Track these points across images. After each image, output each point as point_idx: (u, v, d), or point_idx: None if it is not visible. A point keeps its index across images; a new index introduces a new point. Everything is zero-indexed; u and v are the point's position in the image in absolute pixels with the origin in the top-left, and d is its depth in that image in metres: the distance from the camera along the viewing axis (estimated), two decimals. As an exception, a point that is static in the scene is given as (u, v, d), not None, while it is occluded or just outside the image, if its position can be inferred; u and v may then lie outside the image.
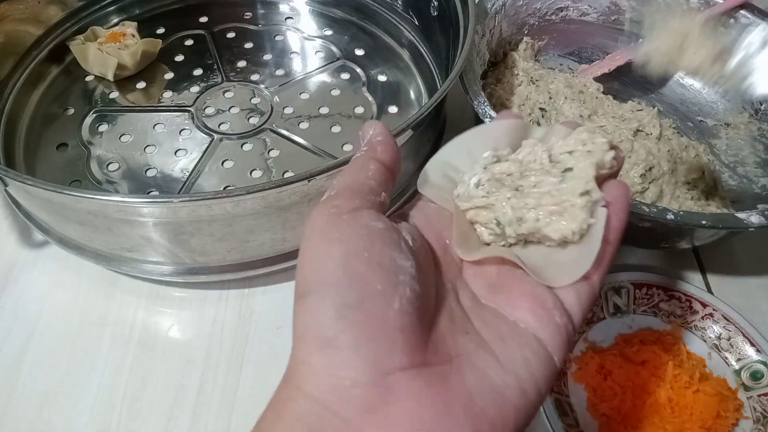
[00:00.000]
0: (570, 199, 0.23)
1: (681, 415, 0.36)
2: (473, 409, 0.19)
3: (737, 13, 0.49)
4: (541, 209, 0.23)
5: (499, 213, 0.24)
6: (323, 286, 0.20)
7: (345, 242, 0.21)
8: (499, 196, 0.24)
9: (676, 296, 0.41)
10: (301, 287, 0.21)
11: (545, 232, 0.23)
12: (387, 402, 0.18)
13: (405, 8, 0.58)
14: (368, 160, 0.25)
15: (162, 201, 0.35)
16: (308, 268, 0.21)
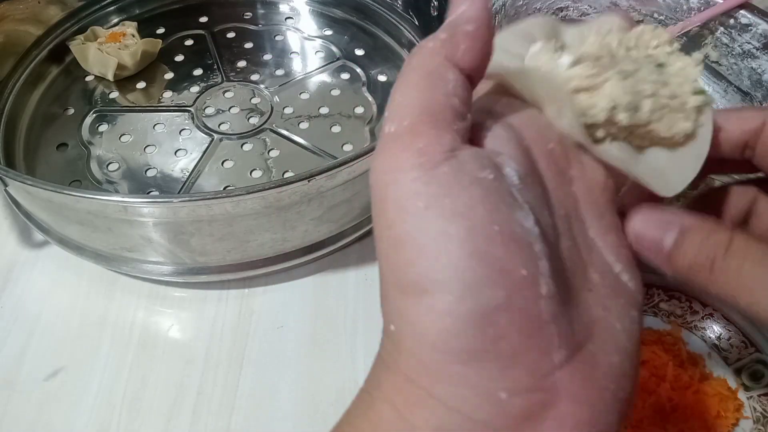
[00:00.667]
0: (684, 96, 0.19)
1: (681, 415, 0.36)
2: (619, 395, 0.16)
3: (737, 13, 0.49)
4: (657, 100, 0.19)
5: (614, 95, 0.18)
6: (451, 282, 0.15)
7: (463, 213, 0.15)
8: (608, 75, 0.19)
9: (676, 296, 0.41)
10: (410, 279, 0.15)
11: (656, 127, 0.19)
12: (546, 407, 0.16)
13: (405, 8, 0.58)
14: (445, 68, 0.17)
15: (162, 201, 0.35)
16: (417, 253, 0.15)
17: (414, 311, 0.16)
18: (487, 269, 0.15)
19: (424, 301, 0.15)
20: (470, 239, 0.15)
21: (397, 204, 0.16)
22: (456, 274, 0.15)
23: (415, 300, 0.16)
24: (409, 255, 0.15)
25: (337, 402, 0.38)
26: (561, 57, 0.19)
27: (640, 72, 0.19)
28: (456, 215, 0.15)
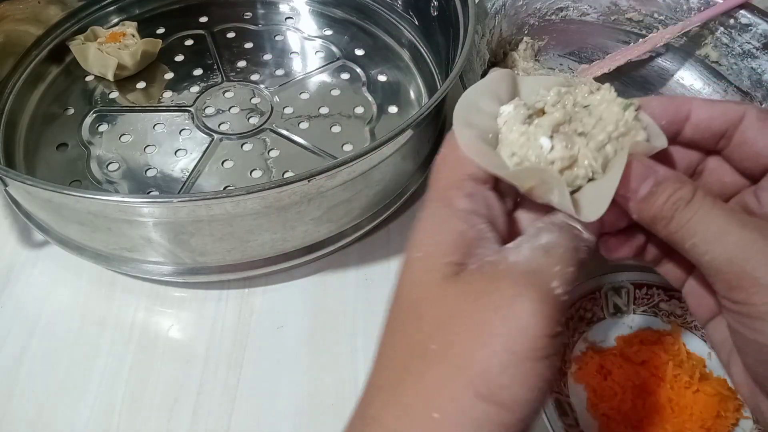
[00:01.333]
0: (619, 117, 0.23)
1: (681, 415, 0.36)
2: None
3: (737, 13, 0.49)
4: (613, 141, 0.22)
5: (590, 163, 0.22)
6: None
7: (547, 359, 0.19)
8: (577, 146, 0.22)
9: (676, 296, 0.41)
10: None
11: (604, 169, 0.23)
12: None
13: (405, 8, 0.58)
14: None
15: (162, 201, 0.35)
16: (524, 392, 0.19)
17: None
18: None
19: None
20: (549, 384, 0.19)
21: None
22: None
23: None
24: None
25: (337, 402, 0.38)
26: (538, 136, 0.22)
27: (586, 123, 0.23)
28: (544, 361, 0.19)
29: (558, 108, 0.23)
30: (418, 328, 0.20)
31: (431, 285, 0.20)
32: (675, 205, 0.21)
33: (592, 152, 0.22)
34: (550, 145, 0.22)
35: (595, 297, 0.40)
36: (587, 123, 0.23)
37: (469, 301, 0.19)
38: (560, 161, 0.22)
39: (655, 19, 0.54)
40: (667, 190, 0.21)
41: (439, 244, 0.20)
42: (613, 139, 0.22)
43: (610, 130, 0.22)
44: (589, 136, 0.22)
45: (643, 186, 0.21)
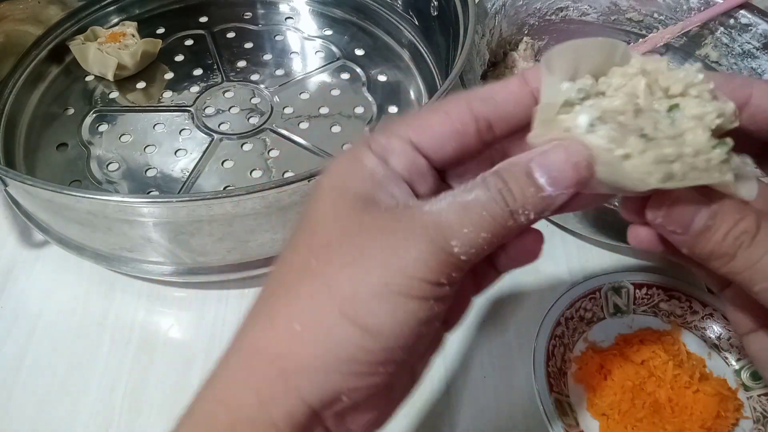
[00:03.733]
0: (704, 151, 0.18)
1: (681, 415, 0.36)
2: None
3: (737, 13, 0.49)
4: (684, 162, 0.18)
5: (644, 173, 0.18)
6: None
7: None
8: (630, 148, 0.18)
9: (676, 296, 0.41)
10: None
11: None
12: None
13: (405, 8, 0.58)
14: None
15: (162, 201, 0.35)
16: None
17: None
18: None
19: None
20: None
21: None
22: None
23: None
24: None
25: (337, 402, 0.38)
26: (578, 116, 0.19)
27: (659, 126, 0.19)
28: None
29: (620, 95, 0.19)
30: (307, 246, 0.20)
31: (332, 210, 0.20)
32: (738, 241, 0.18)
33: (647, 163, 0.18)
34: (585, 125, 0.18)
35: (595, 297, 0.40)
36: (660, 129, 0.18)
37: (362, 230, 0.19)
38: (601, 152, 0.18)
39: (655, 19, 0.54)
40: (726, 223, 0.18)
41: (347, 178, 0.20)
42: (686, 162, 0.18)
43: (687, 153, 0.18)
44: (653, 143, 0.18)
45: (696, 219, 0.18)
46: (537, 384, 0.35)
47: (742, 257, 0.18)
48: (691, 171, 0.18)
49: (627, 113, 0.19)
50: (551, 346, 0.37)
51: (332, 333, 0.18)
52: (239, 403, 0.19)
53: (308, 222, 0.20)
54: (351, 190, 0.20)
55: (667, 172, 0.18)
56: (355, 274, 0.18)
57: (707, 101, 0.19)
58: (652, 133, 0.18)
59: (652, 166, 0.18)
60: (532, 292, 0.44)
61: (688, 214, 0.18)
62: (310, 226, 0.20)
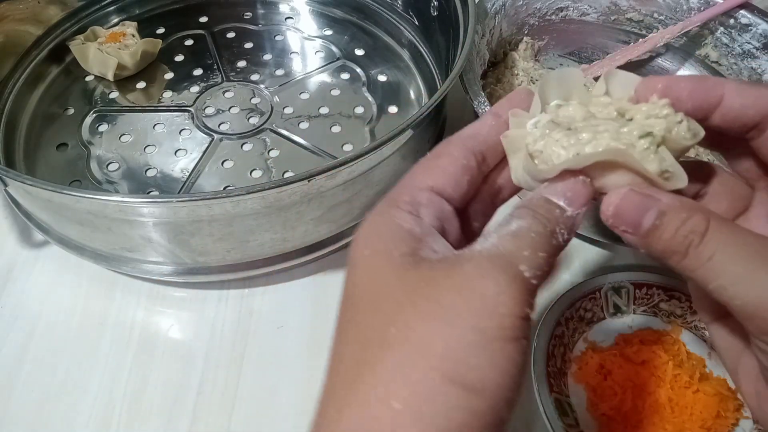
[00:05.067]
0: (630, 139, 0.20)
1: (681, 415, 0.36)
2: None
3: (737, 13, 0.49)
4: (598, 141, 0.20)
5: (553, 156, 0.20)
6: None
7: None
8: (549, 139, 0.21)
9: (676, 296, 0.41)
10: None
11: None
12: None
13: (405, 8, 0.58)
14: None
15: (162, 201, 0.35)
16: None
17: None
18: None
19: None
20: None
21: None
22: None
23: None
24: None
25: (337, 402, 0.38)
26: (533, 118, 0.22)
27: (593, 126, 0.20)
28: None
29: (574, 107, 0.21)
30: (375, 317, 0.18)
31: (388, 274, 0.19)
32: (687, 239, 0.18)
33: (564, 146, 0.20)
34: (533, 123, 0.21)
35: (595, 297, 0.40)
36: (594, 126, 0.20)
37: (430, 285, 0.18)
38: (531, 141, 0.21)
39: (655, 19, 0.54)
40: (674, 222, 0.19)
41: (387, 240, 0.20)
42: (600, 141, 0.20)
43: (603, 133, 0.20)
44: (572, 132, 0.20)
45: (645, 219, 0.19)
46: (537, 384, 0.35)
47: (693, 255, 0.19)
48: (603, 142, 0.20)
49: (576, 117, 0.21)
50: (551, 346, 0.37)
51: (436, 402, 0.16)
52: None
53: (363, 292, 0.19)
54: (396, 252, 0.19)
55: (576, 152, 0.20)
56: (444, 329, 0.17)
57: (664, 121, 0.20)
58: (581, 128, 0.20)
59: (562, 149, 0.20)
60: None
61: (635, 214, 0.19)
62: (368, 297, 0.19)
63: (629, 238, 0.20)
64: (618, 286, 0.41)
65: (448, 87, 0.39)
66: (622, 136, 0.20)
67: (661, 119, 0.20)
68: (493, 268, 0.18)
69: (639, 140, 0.19)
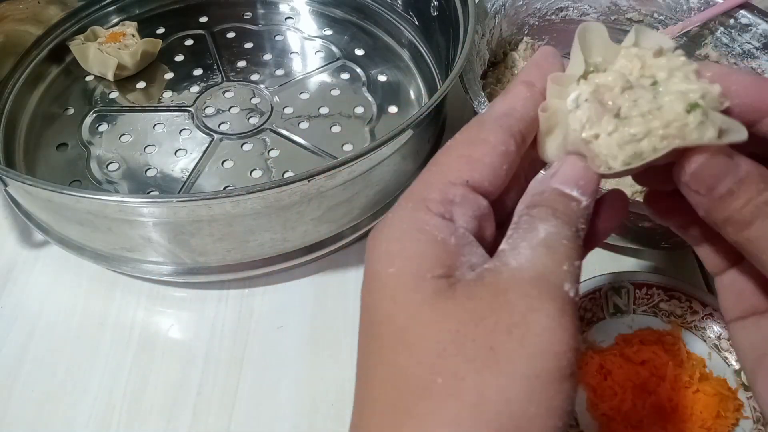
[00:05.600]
0: (678, 118, 0.18)
1: (681, 415, 0.36)
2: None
3: (737, 13, 0.49)
4: (652, 137, 0.18)
5: (608, 155, 0.19)
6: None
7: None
8: (600, 129, 0.19)
9: (676, 296, 0.41)
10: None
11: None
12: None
13: (405, 8, 0.58)
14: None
15: (162, 201, 0.35)
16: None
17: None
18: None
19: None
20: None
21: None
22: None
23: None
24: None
25: (336, 402, 0.38)
26: (570, 93, 0.20)
27: (639, 102, 0.19)
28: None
29: (612, 72, 0.20)
30: (412, 359, 0.16)
31: (420, 305, 0.17)
32: (758, 209, 0.17)
33: (612, 146, 0.19)
34: (573, 100, 0.19)
35: (595, 297, 0.40)
36: (639, 106, 0.19)
37: (474, 321, 0.16)
38: (575, 125, 0.19)
39: (655, 19, 0.54)
40: (749, 191, 0.18)
41: (417, 256, 0.17)
42: (656, 136, 0.18)
43: (655, 126, 0.18)
44: (625, 122, 0.19)
45: (722, 183, 0.18)
46: (537, 384, 0.35)
47: (757, 226, 0.18)
48: (662, 141, 0.18)
49: (615, 89, 0.19)
50: (551, 346, 0.37)
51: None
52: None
53: (391, 324, 0.17)
54: (429, 275, 0.17)
55: (634, 152, 0.18)
56: (499, 379, 0.16)
57: (692, 81, 0.19)
58: (627, 111, 0.19)
59: (616, 148, 0.18)
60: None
61: (714, 176, 0.18)
62: (399, 332, 0.17)
63: (697, 198, 0.18)
64: (618, 286, 0.41)
65: (448, 87, 0.39)
66: (671, 118, 0.18)
67: (696, 85, 0.19)
68: (541, 296, 0.16)
69: (688, 116, 0.18)
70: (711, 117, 0.18)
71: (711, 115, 0.18)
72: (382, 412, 0.17)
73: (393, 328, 0.17)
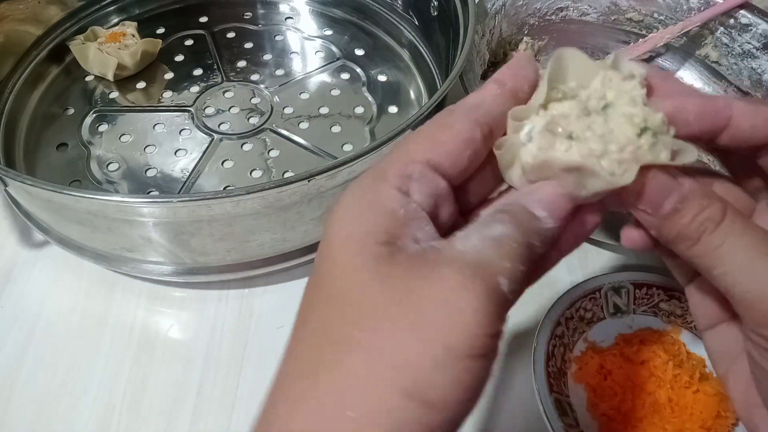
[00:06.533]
0: (630, 142, 0.19)
1: (681, 415, 0.36)
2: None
3: (737, 13, 0.49)
4: (610, 158, 0.19)
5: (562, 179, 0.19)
6: None
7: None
8: (556, 148, 0.19)
9: (676, 296, 0.41)
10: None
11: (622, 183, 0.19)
12: None
13: (405, 8, 0.58)
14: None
15: (162, 201, 0.35)
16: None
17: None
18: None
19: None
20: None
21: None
22: None
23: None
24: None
25: (337, 402, 0.38)
26: (524, 128, 0.20)
27: (592, 126, 0.19)
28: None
29: (568, 101, 0.20)
30: (342, 313, 0.18)
31: (361, 267, 0.18)
32: (702, 226, 0.19)
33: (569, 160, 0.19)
34: (528, 138, 0.20)
35: (595, 297, 0.40)
36: (592, 129, 0.19)
37: (405, 286, 0.17)
38: (528, 157, 0.20)
39: (655, 19, 0.54)
40: (694, 208, 0.19)
41: (365, 223, 0.18)
42: (612, 159, 0.19)
43: (612, 150, 0.19)
44: (580, 142, 0.19)
45: (667, 201, 0.19)
46: (537, 384, 0.35)
47: (705, 242, 0.19)
48: (620, 165, 0.19)
49: (571, 116, 0.20)
50: (551, 346, 0.37)
51: (392, 415, 0.16)
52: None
53: (331, 282, 0.18)
54: (372, 240, 0.18)
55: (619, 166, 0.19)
56: (414, 343, 0.17)
57: (637, 105, 0.20)
58: (580, 134, 0.19)
59: (572, 179, 0.19)
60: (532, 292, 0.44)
61: (659, 195, 0.19)
62: (335, 289, 0.18)
63: (647, 218, 0.20)
64: (618, 286, 0.41)
65: (448, 87, 0.39)
66: (624, 141, 0.19)
67: (637, 108, 0.20)
68: (474, 279, 0.17)
69: (640, 140, 0.19)
70: (662, 139, 0.19)
71: (661, 138, 0.19)
72: (304, 358, 0.18)
73: (330, 286, 0.18)
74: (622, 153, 0.19)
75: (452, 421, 0.17)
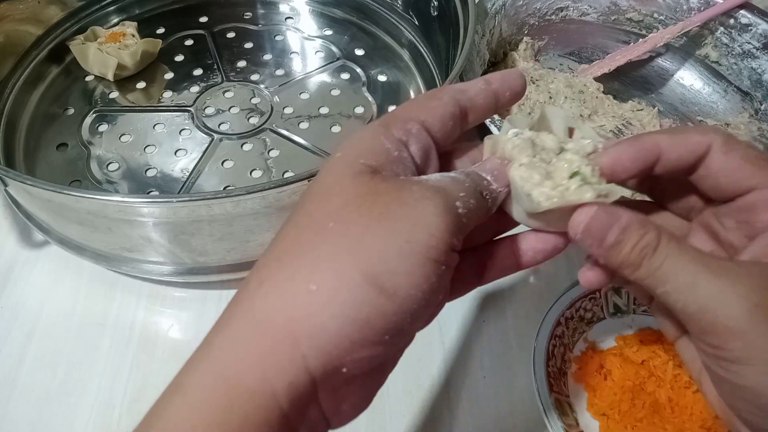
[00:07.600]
0: (561, 183, 0.23)
1: (681, 415, 0.36)
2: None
3: (737, 13, 0.50)
4: (540, 189, 0.23)
5: (515, 178, 0.23)
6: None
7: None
8: (521, 157, 0.23)
9: (676, 296, 0.41)
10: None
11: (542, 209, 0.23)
12: None
13: (405, 8, 0.58)
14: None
15: (162, 201, 0.35)
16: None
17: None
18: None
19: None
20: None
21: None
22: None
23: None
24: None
25: (337, 402, 0.38)
26: (514, 129, 0.24)
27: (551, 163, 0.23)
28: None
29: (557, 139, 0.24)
30: (319, 206, 0.21)
31: (344, 176, 0.21)
32: (642, 252, 0.21)
33: (522, 177, 0.23)
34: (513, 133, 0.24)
35: (595, 297, 0.40)
36: (553, 166, 0.23)
37: (379, 190, 0.20)
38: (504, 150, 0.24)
39: (655, 19, 0.54)
40: (633, 238, 0.21)
41: (360, 149, 0.22)
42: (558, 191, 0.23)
43: (558, 184, 0.23)
44: (533, 165, 0.23)
45: (609, 235, 0.21)
46: (537, 384, 0.35)
47: (646, 266, 0.21)
48: (547, 200, 0.22)
49: (548, 148, 0.24)
50: (551, 346, 0.37)
51: (351, 293, 0.18)
52: (239, 375, 0.19)
53: (319, 189, 0.21)
54: (362, 160, 0.21)
55: (527, 192, 0.23)
56: (380, 233, 0.19)
57: (580, 156, 0.23)
58: (538, 163, 0.23)
59: (519, 180, 0.23)
60: (532, 292, 0.44)
61: (601, 230, 0.21)
62: (322, 192, 0.21)
63: (594, 251, 0.22)
64: (618, 286, 0.41)
65: (448, 87, 0.39)
66: (558, 181, 0.23)
67: (584, 157, 0.23)
68: (435, 195, 0.20)
69: (570, 181, 0.22)
70: (593, 183, 0.23)
71: (594, 181, 0.23)
72: (284, 244, 0.21)
73: (317, 188, 0.22)
74: (553, 190, 0.22)
75: (401, 313, 0.19)
